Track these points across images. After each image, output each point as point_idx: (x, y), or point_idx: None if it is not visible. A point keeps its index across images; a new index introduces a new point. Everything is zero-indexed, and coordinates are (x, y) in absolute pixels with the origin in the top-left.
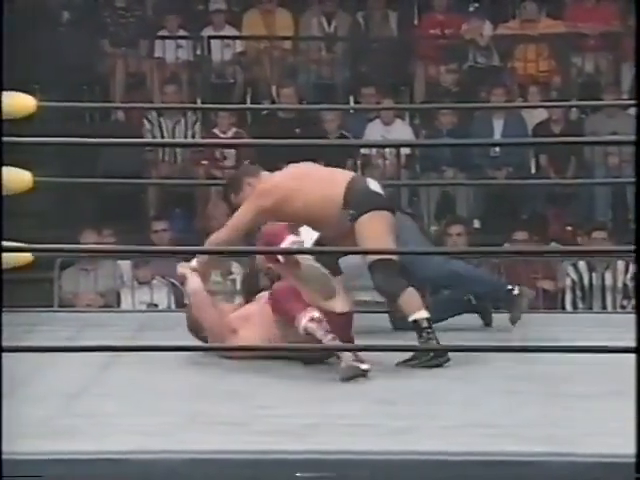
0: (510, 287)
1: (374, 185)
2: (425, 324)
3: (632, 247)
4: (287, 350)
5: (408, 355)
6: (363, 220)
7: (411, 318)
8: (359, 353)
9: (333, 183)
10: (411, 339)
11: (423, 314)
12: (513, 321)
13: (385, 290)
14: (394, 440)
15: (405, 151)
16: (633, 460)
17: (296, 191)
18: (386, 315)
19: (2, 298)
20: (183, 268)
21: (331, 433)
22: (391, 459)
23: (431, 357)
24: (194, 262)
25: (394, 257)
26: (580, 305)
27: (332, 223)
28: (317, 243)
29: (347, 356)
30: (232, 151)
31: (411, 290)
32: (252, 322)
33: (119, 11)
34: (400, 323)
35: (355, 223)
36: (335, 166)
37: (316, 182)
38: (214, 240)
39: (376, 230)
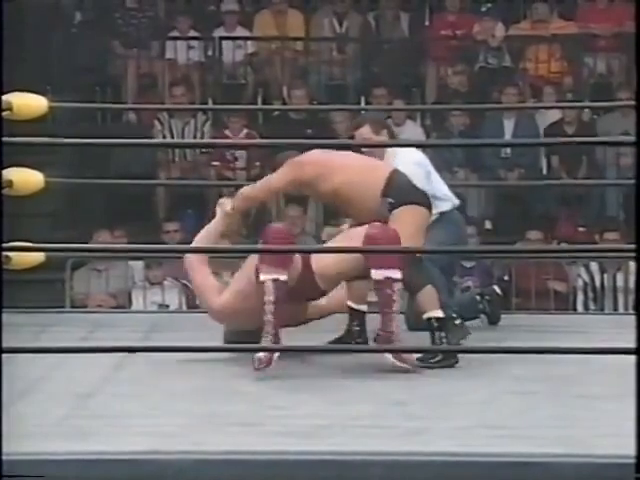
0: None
1: (416, 180)
2: (438, 324)
3: (633, 246)
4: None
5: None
6: (400, 212)
7: (426, 316)
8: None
9: (375, 171)
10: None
11: (438, 313)
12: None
13: (406, 283)
14: (408, 441)
15: None
16: None
17: (335, 170)
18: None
19: (2, 299)
20: (222, 205)
21: (345, 434)
22: (405, 460)
23: (441, 358)
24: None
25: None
26: (592, 306)
27: (367, 209)
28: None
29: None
30: (243, 152)
31: (430, 288)
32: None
33: (131, 12)
34: (415, 323)
35: (391, 215)
36: None
37: (357, 167)
38: (246, 193)
39: (410, 225)
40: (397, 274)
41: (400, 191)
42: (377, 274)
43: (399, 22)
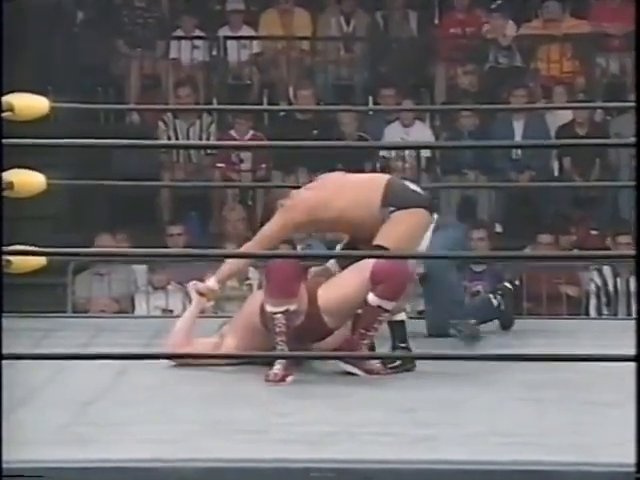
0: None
1: (412, 185)
2: (391, 327)
3: (632, 252)
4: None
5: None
6: (396, 215)
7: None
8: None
9: (369, 186)
10: (443, 346)
11: (402, 316)
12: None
13: None
14: (417, 448)
15: (425, 153)
16: None
17: (327, 199)
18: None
19: (2, 303)
20: (194, 287)
21: (352, 441)
22: (414, 468)
23: (399, 363)
24: (212, 281)
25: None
26: (605, 311)
27: (368, 226)
28: (348, 247)
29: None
30: (249, 154)
31: None
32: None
33: (134, 11)
34: (434, 330)
35: (389, 217)
36: (354, 170)
37: (349, 188)
38: (245, 248)
39: (404, 225)
40: (389, 305)
41: (398, 197)
42: (372, 299)
43: (407, 21)
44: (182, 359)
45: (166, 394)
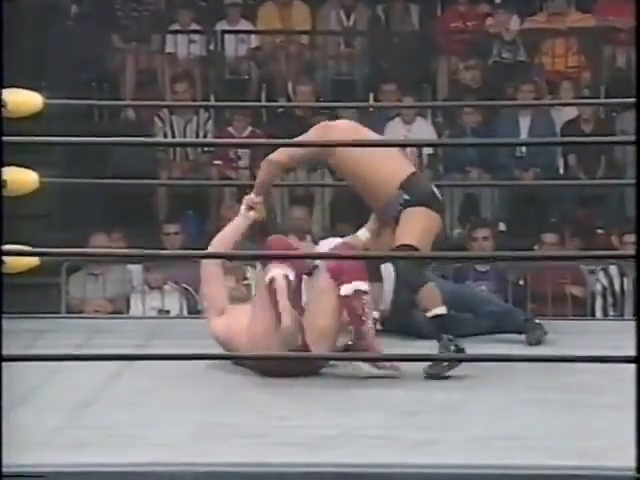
0: (528, 317)
1: (435, 188)
2: (439, 322)
3: (632, 252)
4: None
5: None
6: (413, 211)
7: (430, 314)
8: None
9: (400, 162)
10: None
11: (442, 310)
12: (530, 343)
13: (407, 279)
14: (418, 452)
15: (427, 151)
16: None
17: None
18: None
19: (2, 305)
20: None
21: (353, 445)
22: (415, 472)
23: (447, 365)
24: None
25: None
26: (611, 312)
27: (380, 198)
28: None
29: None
30: (247, 150)
31: (431, 285)
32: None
33: (129, 4)
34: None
35: (403, 212)
36: None
37: (385, 150)
38: (270, 157)
39: (422, 223)
40: (364, 286)
41: (418, 190)
42: (346, 289)
43: (409, 15)
44: None
45: (164, 397)
